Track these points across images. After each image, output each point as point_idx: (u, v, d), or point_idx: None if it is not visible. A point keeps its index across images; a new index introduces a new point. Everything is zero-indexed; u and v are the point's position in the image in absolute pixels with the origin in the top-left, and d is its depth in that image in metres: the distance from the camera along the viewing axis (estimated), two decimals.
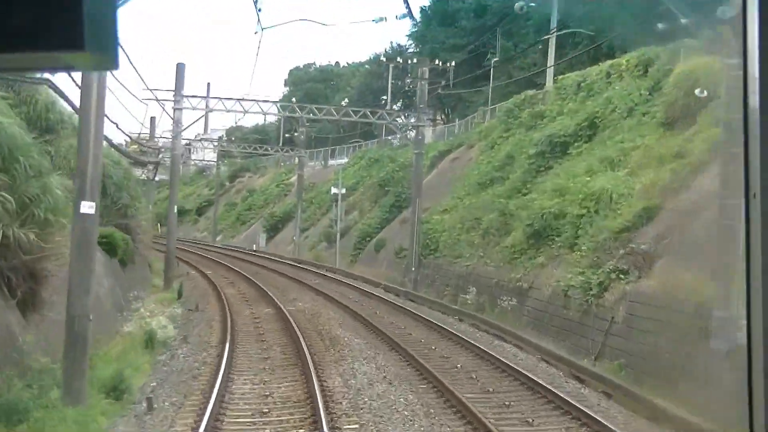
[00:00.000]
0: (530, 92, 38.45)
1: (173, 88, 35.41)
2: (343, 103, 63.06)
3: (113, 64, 1.22)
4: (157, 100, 37.04)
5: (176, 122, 36.00)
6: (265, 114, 53.53)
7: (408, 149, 46.77)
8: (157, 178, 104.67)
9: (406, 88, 70.08)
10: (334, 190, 45.82)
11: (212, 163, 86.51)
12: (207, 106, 38.22)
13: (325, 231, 53.90)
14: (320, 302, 29.75)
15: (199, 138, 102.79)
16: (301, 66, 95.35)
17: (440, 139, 55.52)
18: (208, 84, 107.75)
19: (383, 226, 45.49)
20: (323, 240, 53.35)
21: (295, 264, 48.57)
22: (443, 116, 67.46)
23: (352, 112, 40.93)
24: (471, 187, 35.25)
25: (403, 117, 44.93)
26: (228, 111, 38.32)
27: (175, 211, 39.93)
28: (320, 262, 48.13)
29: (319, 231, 56.16)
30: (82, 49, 1.14)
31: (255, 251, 59.73)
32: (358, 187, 54.95)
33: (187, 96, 35.45)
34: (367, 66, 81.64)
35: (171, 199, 40.84)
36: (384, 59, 72.58)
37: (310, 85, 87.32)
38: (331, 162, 72.84)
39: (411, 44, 71.03)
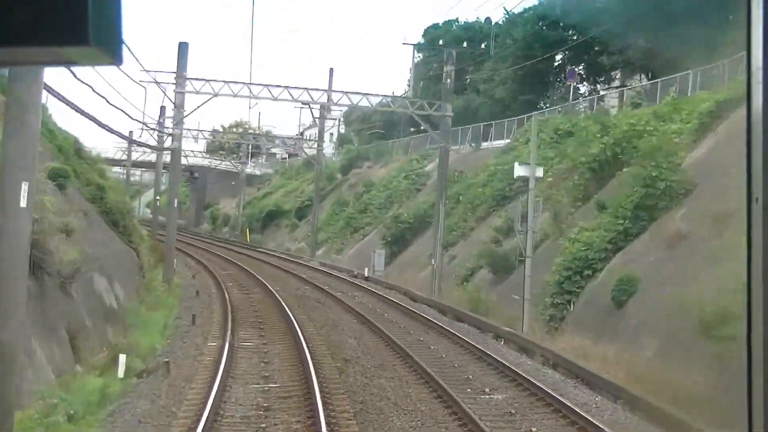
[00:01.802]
0: None
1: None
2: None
3: (117, 60, 1.23)
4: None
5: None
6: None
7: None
8: (258, 172, 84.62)
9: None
10: (520, 171, 22.39)
11: (325, 152, 65.37)
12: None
13: (485, 249, 30.72)
14: None
15: (309, 126, 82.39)
16: (441, 23, 72.53)
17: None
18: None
19: (619, 245, 22.03)
20: (483, 265, 30.17)
21: (434, 324, 25.65)
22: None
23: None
24: None
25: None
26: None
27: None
28: (479, 314, 25.12)
29: (473, 248, 33.05)
30: (87, 44, 1.15)
31: (367, 278, 37.21)
32: (544, 175, 31.21)
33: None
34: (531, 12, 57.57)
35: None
36: None
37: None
38: (484, 144, 49.62)
39: None
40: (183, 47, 29.16)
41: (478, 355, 18.75)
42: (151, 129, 41.67)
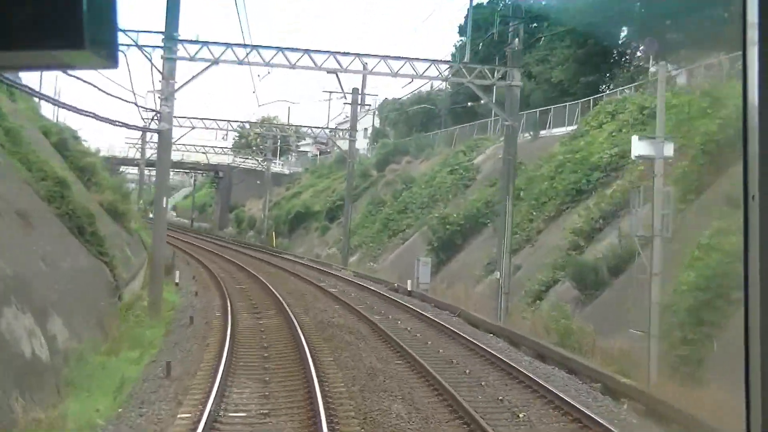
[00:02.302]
0: None
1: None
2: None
3: (113, 63, 1.25)
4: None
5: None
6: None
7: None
8: (287, 171, 78.37)
9: None
10: (641, 149, 15.31)
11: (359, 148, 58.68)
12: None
13: (565, 258, 23.93)
14: None
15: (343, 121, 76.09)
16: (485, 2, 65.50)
17: None
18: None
19: None
20: (563, 278, 23.35)
21: (513, 369, 18.78)
22: None
23: None
24: None
25: None
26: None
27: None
28: (568, 349, 18.31)
29: (543, 255, 26.30)
30: (83, 48, 1.16)
31: (411, 293, 30.46)
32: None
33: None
34: None
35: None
36: None
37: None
38: (542, 133, 42.75)
39: None
40: (173, 2, 21.84)
41: None
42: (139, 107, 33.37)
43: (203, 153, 72.53)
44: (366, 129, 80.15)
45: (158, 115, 21.66)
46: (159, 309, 21.71)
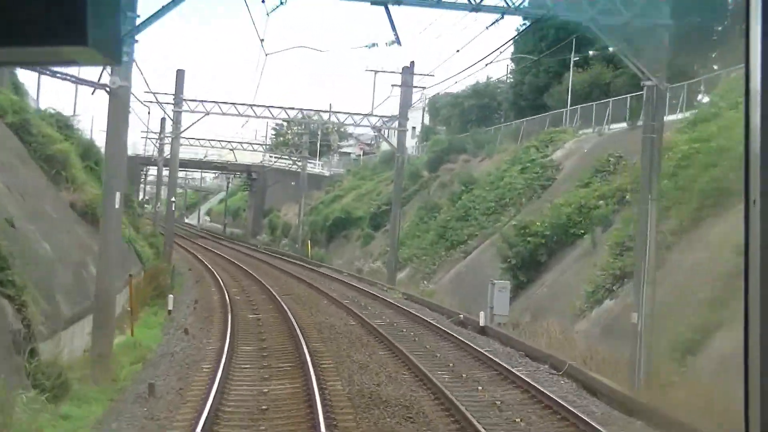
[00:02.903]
0: None
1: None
2: None
3: (115, 59, 1.26)
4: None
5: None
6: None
7: None
8: (327, 172, 70.83)
9: None
10: None
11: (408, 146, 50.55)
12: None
13: (731, 290, 15.43)
14: None
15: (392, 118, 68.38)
16: None
17: None
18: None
19: None
20: (732, 322, 14.83)
21: None
22: None
23: None
24: None
25: None
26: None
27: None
28: None
29: (691, 284, 17.93)
30: (86, 45, 1.16)
31: (484, 330, 22.21)
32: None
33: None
34: None
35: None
36: None
37: None
38: (639, 123, 34.09)
39: None
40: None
41: None
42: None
43: (230, 150, 65.07)
44: (414, 128, 72.24)
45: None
46: (108, 368, 13.89)
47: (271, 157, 73.15)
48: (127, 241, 27.66)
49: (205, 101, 36.99)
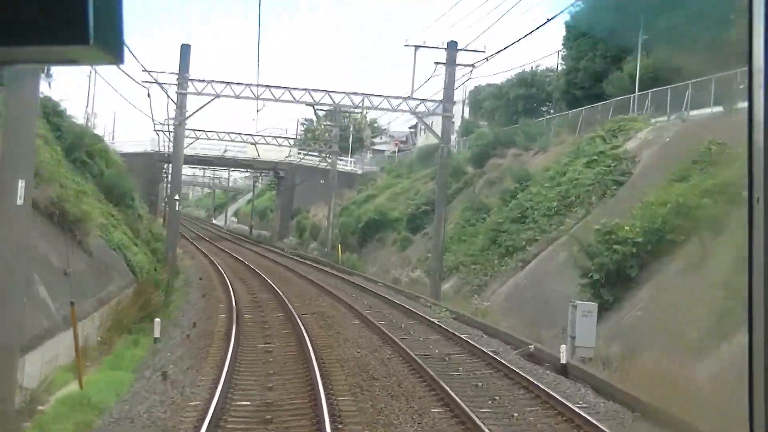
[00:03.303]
0: None
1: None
2: None
3: (119, 59, 1.23)
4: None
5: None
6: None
7: None
8: (360, 170, 66.09)
9: None
10: None
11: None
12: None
13: None
14: None
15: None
16: None
17: None
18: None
19: None
20: None
21: None
22: None
23: None
24: None
25: None
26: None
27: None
28: None
29: None
30: (88, 44, 1.15)
31: (565, 369, 16.67)
32: None
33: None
34: None
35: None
36: None
37: None
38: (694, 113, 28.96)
39: None
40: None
41: None
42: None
43: (252, 144, 60.02)
44: (453, 122, 66.88)
45: None
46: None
47: (299, 152, 68.03)
48: (115, 248, 22.69)
49: (213, 81, 31.18)
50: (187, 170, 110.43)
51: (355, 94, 34.04)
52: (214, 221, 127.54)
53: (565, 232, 27.14)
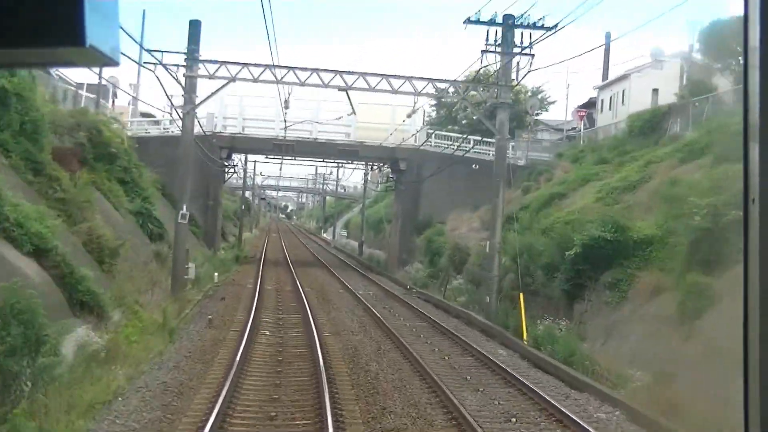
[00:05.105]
0: None
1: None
2: None
3: (114, 60, 1.23)
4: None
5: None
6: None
7: None
8: (521, 161, 43.25)
9: None
10: None
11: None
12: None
13: None
14: None
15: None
16: None
17: None
18: None
19: None
20: None
21: None
22: None
23: None
24: None
25: None
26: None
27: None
28: None
29: None
30: (84, 46, 1.14)
31: None
32: None
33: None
34: None
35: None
36: None
37: None
38: None
39: None
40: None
41: None
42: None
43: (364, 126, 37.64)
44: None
45: None
46: None
47: (428, 131, 45.00)
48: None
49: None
50: (272, 166, 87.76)
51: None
52: (324, 234, 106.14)
53: None
